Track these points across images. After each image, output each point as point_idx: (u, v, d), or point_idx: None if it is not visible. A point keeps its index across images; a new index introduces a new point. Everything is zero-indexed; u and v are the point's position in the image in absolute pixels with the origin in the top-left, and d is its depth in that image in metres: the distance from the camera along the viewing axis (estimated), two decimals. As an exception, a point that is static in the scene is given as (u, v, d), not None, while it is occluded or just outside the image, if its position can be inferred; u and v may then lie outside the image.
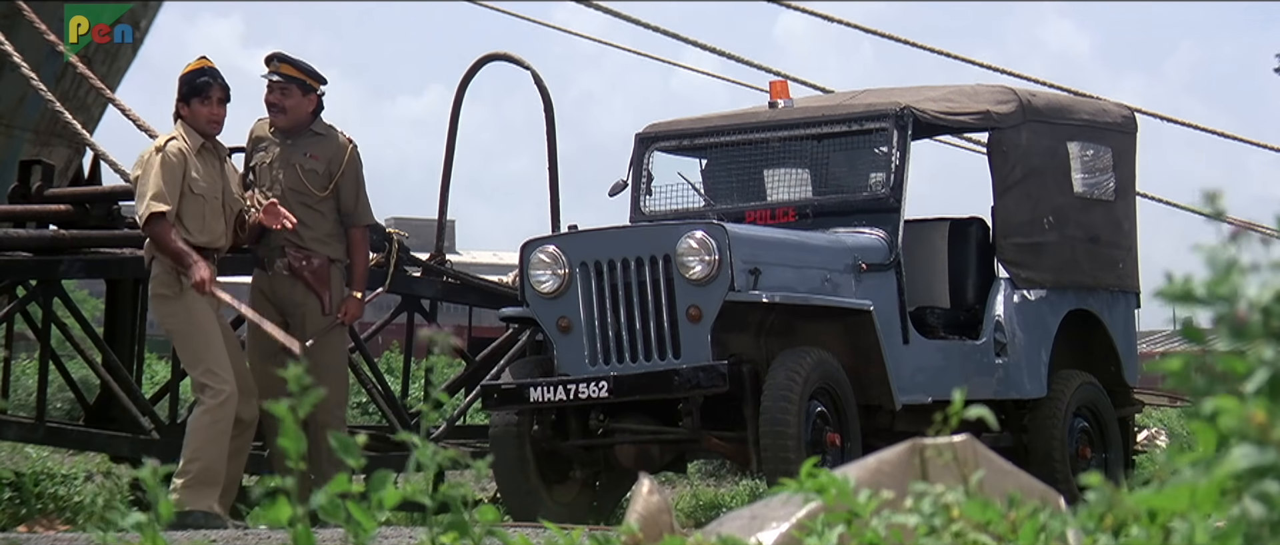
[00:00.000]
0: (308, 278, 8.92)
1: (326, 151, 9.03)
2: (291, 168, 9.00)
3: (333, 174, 8.99)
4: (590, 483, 9.62)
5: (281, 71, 9.05)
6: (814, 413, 8.92)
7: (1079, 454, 10.22)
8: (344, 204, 9.03)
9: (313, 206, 8.98)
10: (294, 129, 9.05)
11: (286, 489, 3.11)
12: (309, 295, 8.93)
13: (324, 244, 8.99)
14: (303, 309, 8.94)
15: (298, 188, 8.97)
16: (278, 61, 9.06)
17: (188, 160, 8.66)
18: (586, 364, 9.18)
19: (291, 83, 9.03)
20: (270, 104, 9.09)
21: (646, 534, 3.60)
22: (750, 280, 8.99)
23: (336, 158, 9.02)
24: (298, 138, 9.06)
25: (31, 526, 9.53)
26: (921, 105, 9.96)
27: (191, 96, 8.77)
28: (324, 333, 8.90)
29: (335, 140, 9.08)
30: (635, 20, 15.26)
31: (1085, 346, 10.50)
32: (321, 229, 9.00)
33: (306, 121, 9.06)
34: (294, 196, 8.95)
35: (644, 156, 10.45)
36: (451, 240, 32.35)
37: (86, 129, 13.15)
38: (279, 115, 9.06)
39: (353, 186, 9.04)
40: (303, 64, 9.07)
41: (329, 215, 9.02)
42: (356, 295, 9.04)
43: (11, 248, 10.01)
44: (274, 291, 8.99)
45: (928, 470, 3.59)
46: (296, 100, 9.03)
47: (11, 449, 12.02)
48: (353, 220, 9.06)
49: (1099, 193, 10.59)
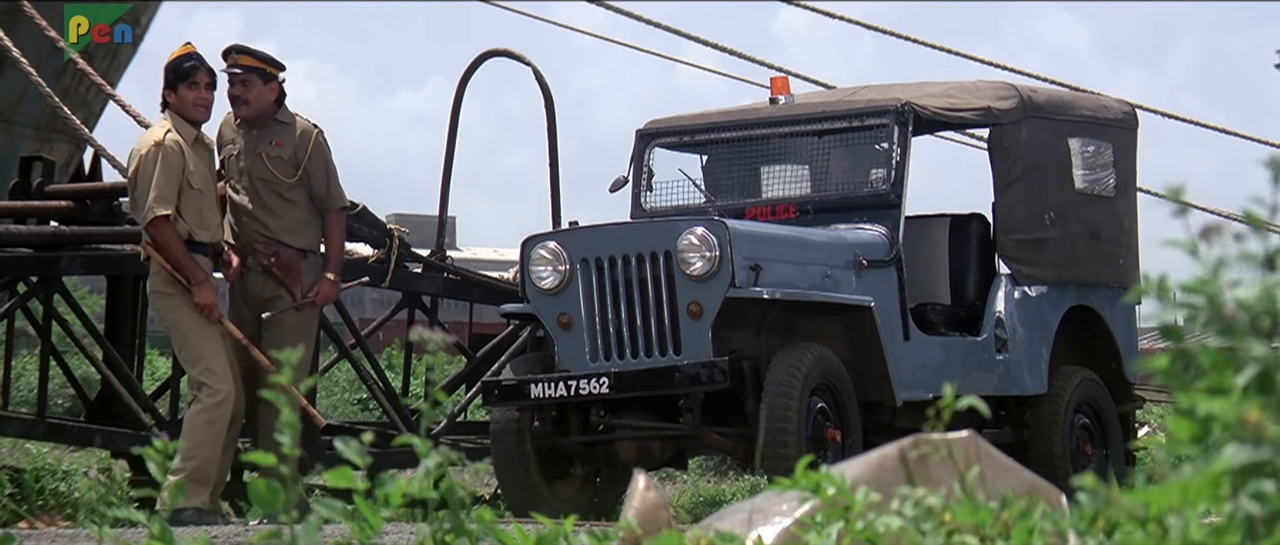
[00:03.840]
0: (277, 273, 8.91)
1: (291, 138, 9.00)
2: (258, 157, 8.98)
3: (299, 161, 8.96)
4: (591, 479, 9.62)
5: (241, 63, 9.02)
6: (815, 409, 8.92)
7: (1080, 450, 10.22)
8: (315, 190, 8.99)
9: (283, 195, 8.95)
10: (258, 119, 9.03)
11: (283, 475, 3.11)
12: (280, 289, 8.93)
13: (295, 234, 8.97)
14: (274, 303, 8.94)
15: (266, 177, 8.95)
16: (236, 53, 9.04)
17: (185, 154, 8.66)
18: (587, 360, 9.18)
19: (251, 73, 9.00)
20: (233, 97, 9.06)
21: (644, 530, 3.60)
22: (751, 276, 8.99)
23: (302, 144, 8.99)
24: (262, 128, 9.03)
25: (32, 522, 9.53)
26: (922, 101, 9.96)
27: (179, 82, 8.76)
28: (287, 310, 8.91)
29: (299, 128, 9.05)
30: (636, 16, 15.25)
31: (1086, 343, 10.50)
32: (292, 217, 8.97)
33: (270, 111, 9.03)
34: (263, 186, 8.94)
35: (645, 152, 10.44)
36: (452, 236, 32.29)
37: (87, 125, 13.16)
38: (242, 107, 9.03)
39: (322, 171, 9.01)
40: (260, 53, 9.05)
41: (300, 203, 8.98)
42: (330, 277, 9.01)
43: (12, 244, 10.01)
44: (246, 287, 8.99)
45: (928, 467, 3.59)
46: (258, 90, 8.99)
47: (12, 445, 12.02)
48: (327, 206, 9.02)
49: (1100, 189, 10.59)
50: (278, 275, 8.92)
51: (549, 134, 11.29)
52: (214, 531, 7.36)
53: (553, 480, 9.46)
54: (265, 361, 8.59)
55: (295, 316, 8.94)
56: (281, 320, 8.89)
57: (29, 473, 9.98)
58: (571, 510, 9.32)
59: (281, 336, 8.74)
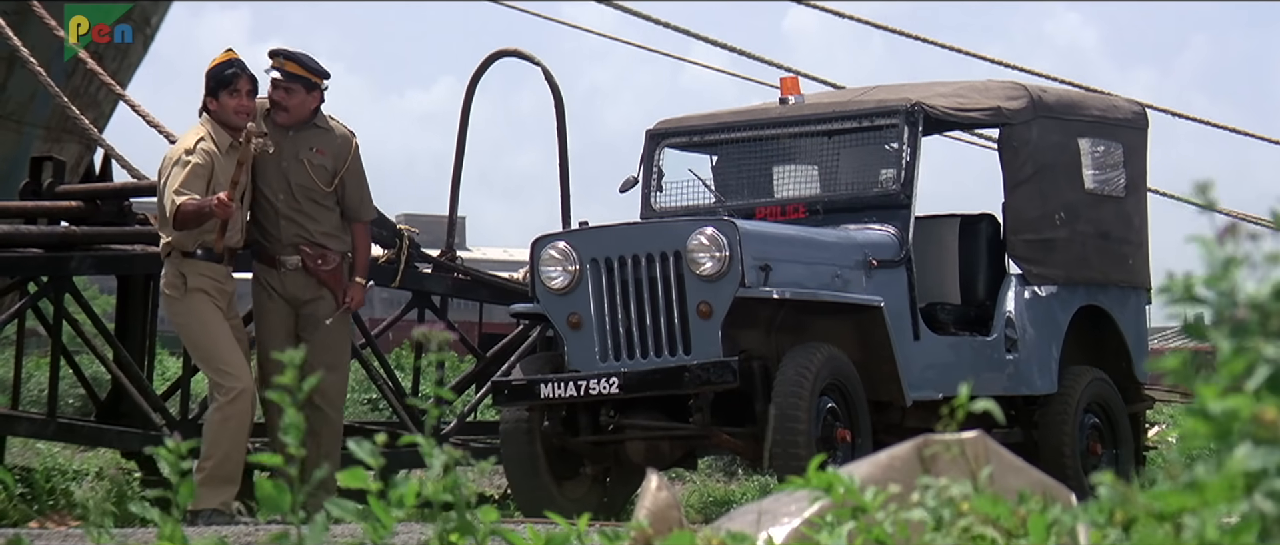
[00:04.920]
0: (323, 275, 8.85)
1: (331, 146, 8.91)
2: (299, 163, 8.86)
3: (338, 170, 8.88)
4: (601, 479, 9.62)
5: (286, 69, 8.90)
6: (824, 409, 8.91)
7: (1089, 450, 10.21)
8: (348, 199, 8.93)
9: (319, 202, 8.87)
10: (296, 124, 8.92)
11: (289, 476, 3.11)
12: (322, 291, 8.87)
13: (334, 238, 8.91)
14: (315, 304, 8.87)
15: (305, 183, 8.85)
16: (282, 58, 8.91)
17: (216, 163, 8.57)
18: (597, 360, 9.18)
19: (295, 80, 8.88)
20: (273, 101, 8.93)
21: (655, 530, 3.60)
22: (761, 276, 8.98)
23: (341, 153, 8.90)
24: (299, 130, 8.91)
25: (43, 522, 9.54)
26: (932, 101, 9.96)
27: (219, 89, 8.66)
28: (338, 316, 8.88)
29: (339, 135, 8.94)
30: (645, 16, 15.26)
31: (1096, 342, 10.49)
32: (329, 223, 8.90)
33: (309, 117, 8.92)
34: (301, 192, 8.84)
35: (654, 153, 10.44)
36: (462, 236, 32.26)
37: (97, 125, 13.17)
38: (281, 113, 8.89)
39: (357, 183, 8.94)
40: (307, 61, 8.92)
41: (334, 209, 8.91)
42: (359, 281, 8.97)
43: (23, 244, 10.03)
44: (285, 287, 8.88)
45: (938, 466, 3.58)
46: (300, 99, 8.87)
47: (23, 445, 12.04)
48: (357, 216, 8.98)
49: (1110, 189, 10.58)
50: (323, 277, 8.84)
51: (559, 134, 11.29)
52: (226, 531, 7.37)
53: (562, 480, 9.46)
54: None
55: (342, 327, 8.93)
56: (336, 331, 8.85)
57: (39, 473, 10.00)
58: (581, 510, 9.28)
59: (327, 337, 8.74)
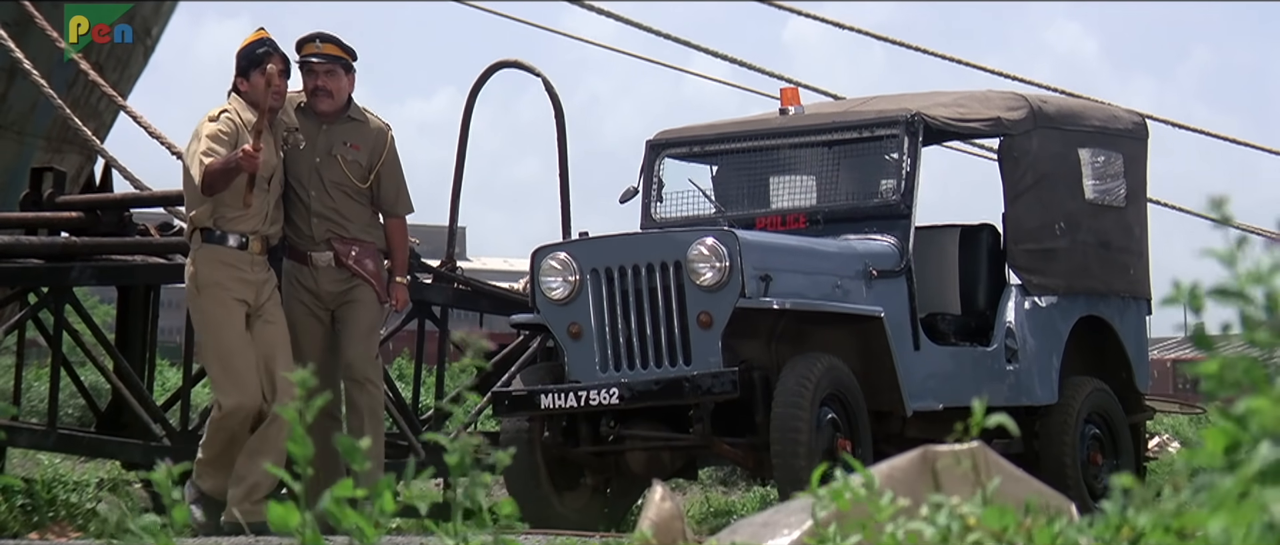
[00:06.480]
0: (359, 270, 8.53)
1: (366, 140, 8.60)
2: (332, 159, 8.56)
3: (373, 165, 8.57)
4: (601, 489, 9.62)
5: (324, 52, 8.53)
6: (825, 419, 8.91)
7: (1090, 460, 10.22)
8: (384, 195, 8.62)
9: (352, 198, 8.58)
10: (336, 112, 8.59)
11: (295, 493, 3.11)
12: (355, 281, 8.56)
13: (367, 232, 8.62)
14: (351, 300, 8.58)
15: (340, 179, 8.55)
16: (320, 41, 8.55)
17: (240, 134, 8.25)
18: (597, 370, 9.18)
19: (336, 63, 8.55)
20: (315, 88, 8.56)
21: (659, 540, 3.60)
22: (761, 286, 8.99)
23: (377, 147, 8.60)
24: (332, 123, 8.61)
25: (43, 533, 9.54)
26: (932, 111, 9.96)
27: (251, 69, 8.36)
28: (385, 315, 8.77)
29: (374, 127, 8.64)
30: (645, 26, 15.26)
31: (1097, 353, 10.49)
32: (363, 218, 8.61)
33: (346, 106, 8.61)
34: (334, 188, 8.55)
35: (655, 163, 10.45)
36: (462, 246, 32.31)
37: (98, 136, 13.17)
38: (326, 99, 8.54)
39: (394, 178, 8.63)
40: (342, 41, 8.60)
41: (367, 204, 8.62)
42: (401, 281, 8.71)
43: (23, 255, 10.03)
44: (318, 284, 8.58)
45: (939, 477, 3.59)
46: (342, 82, 8.56)
47: (23, 456, 12.03)
48: (393, 211, 8.68)
49: (1110, 199, 10.59)
50: (358, 270, 8.51)
51: (559, 145, 11.29)
52: (226, 541, 7.37)
53: (563, 491, 9.46)
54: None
55: (376, 309, 8.62)
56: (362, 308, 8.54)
57: (40, 483, 9.99)
58: (581, 521, 9.34)
59: (361, 315, 8.49)
